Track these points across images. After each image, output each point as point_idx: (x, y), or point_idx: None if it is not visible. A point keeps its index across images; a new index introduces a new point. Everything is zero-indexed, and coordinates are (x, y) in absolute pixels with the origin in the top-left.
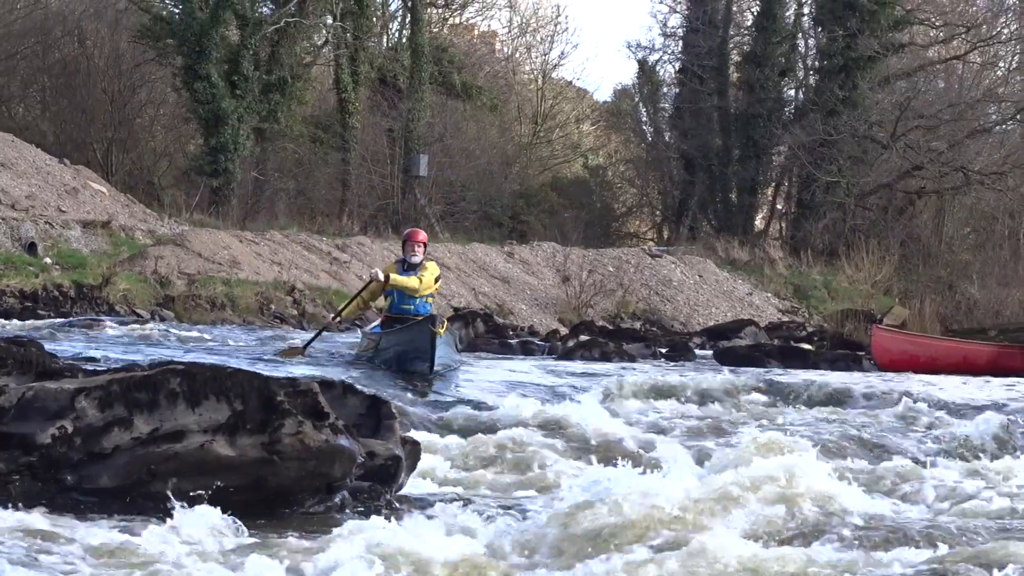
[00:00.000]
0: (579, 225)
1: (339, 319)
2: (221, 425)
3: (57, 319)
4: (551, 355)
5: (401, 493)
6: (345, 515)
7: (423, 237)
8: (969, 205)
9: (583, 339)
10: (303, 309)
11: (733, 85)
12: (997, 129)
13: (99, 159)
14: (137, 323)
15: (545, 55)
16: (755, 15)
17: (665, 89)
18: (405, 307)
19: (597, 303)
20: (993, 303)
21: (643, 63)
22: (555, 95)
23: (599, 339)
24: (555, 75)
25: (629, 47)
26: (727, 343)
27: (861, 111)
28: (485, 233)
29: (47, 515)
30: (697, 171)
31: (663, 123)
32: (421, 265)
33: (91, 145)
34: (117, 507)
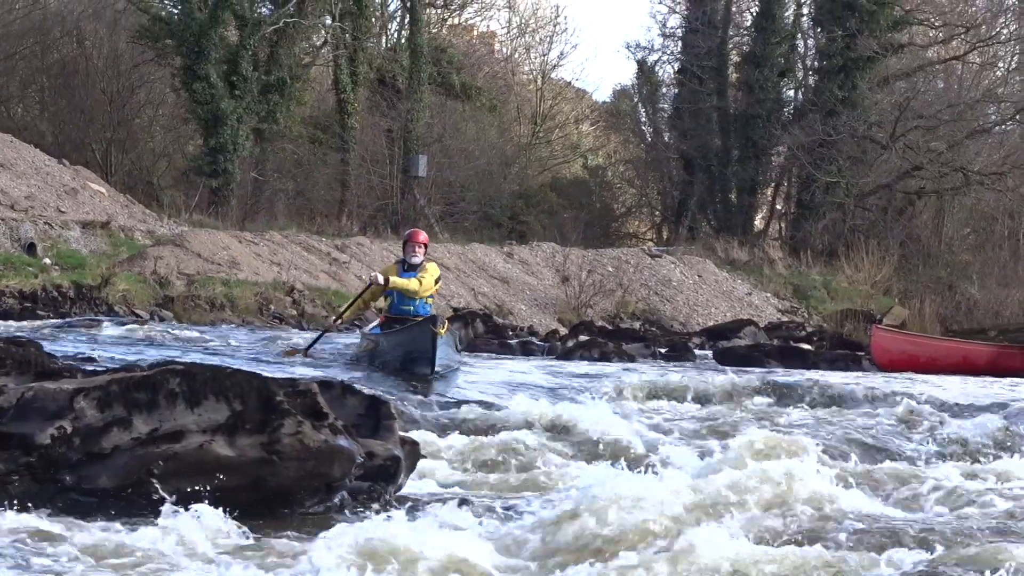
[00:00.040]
0: (578, 225)
1: (340, 321)
2: (220, 425)
3: (56, 319)
4: (550, 355)
5: (400, 493)
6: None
7: (424, 238)
8: (969, 205)
9: (582, 339)
10: (302, 309)
11: (732, 85)
12: (996, 129)
13: (98, 159)
14: (136, 323)
15: (544, 55)
16: (754, 16)
17: (664, 89)
18: (405, 308)
19: (596, 303)
20: (993, 303)
21: (642, 63)
22: (554, 95)
23: (598, 339)
24: (554, 75)
25: (628, 47)
26: (726, 343)
27: (860, 111)
28: (484, 233)
29: (46, 515)
30: (696, 171)
31: (662, 123)
32: (421, 266)
33: (90, 145)
34: (116, 507)
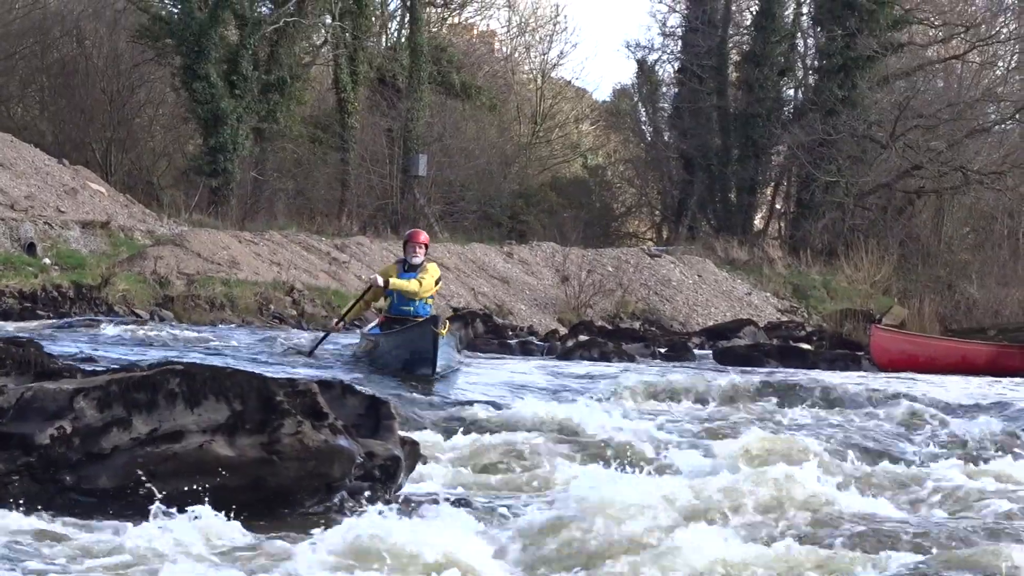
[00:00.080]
0: (578, 225)
1: (343, 323)
2: (220, 425)
3: (56, 319)
4: (550, 355)
5: (400, 493)
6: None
7: (425, 238)
8: (968, 205)
9: (582, 339)
10: (302, 309)
11: (732, 85)
12: (996, 129)
13: (98, 159)
14: (136, 323)
15: (544, 55)
16: (754, 15)
17: (664, 89)
18: (405, 308)
19: (596, 303)
20: (992, 303)
21: (642, 63)
22: (554, 95)
23: (598, 339)
24: (554, 75)
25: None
26: (726, 343)
27: (860, 111)
28: (484, 233)
29: (46, 515)
30: (696, 171)
31: (662, 123)
32: (422, 266)
33: (90, 145)
34: (116, 507)
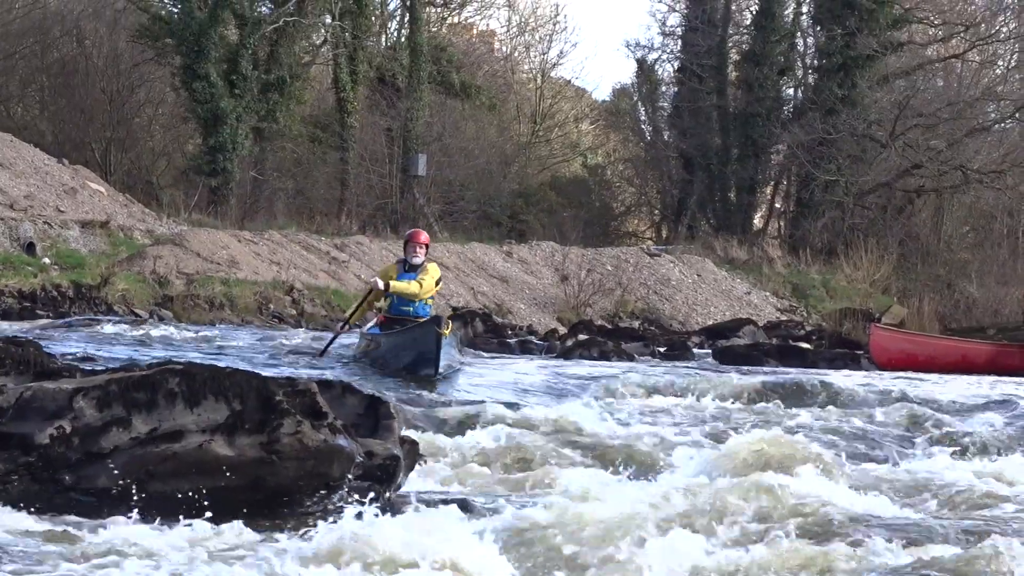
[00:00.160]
0: (578, 224)
1: (347, 327)
2: (220, 425)
3: (56, 319)
4: (550, 355)
5: (400, 493)
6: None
7: (425, 238)
8: (968, 204)
9: (582, 338)
10: (302, 309)
11: (732, 84)
12: (996, 127)
13: (97, 159)
14: (136, 323)
15: (544, 54)
16: (754, 14)
17: (664, 88)
18: (404, 308)
19: (596, 302)
20: (992, 302)
21: (642, 62)
22: (554, 94)
23: (598, 338)
24: (554, 74)
25: (628, 46)
26: (725, 342)
27: (860, 110)
28: (484, 232)
29: (45, 515)
30: (696, 170)
31: (662, 122)
32: (422, 266)
33: (90, 145)
34: (115, 507)
